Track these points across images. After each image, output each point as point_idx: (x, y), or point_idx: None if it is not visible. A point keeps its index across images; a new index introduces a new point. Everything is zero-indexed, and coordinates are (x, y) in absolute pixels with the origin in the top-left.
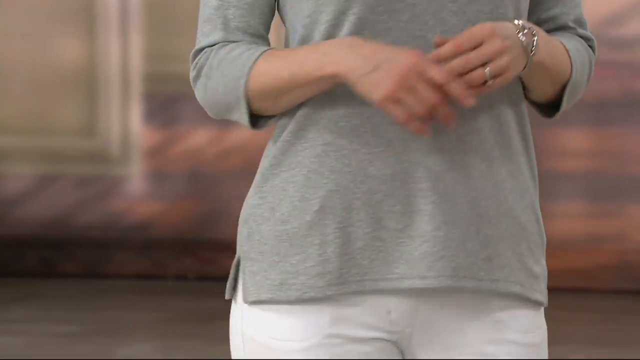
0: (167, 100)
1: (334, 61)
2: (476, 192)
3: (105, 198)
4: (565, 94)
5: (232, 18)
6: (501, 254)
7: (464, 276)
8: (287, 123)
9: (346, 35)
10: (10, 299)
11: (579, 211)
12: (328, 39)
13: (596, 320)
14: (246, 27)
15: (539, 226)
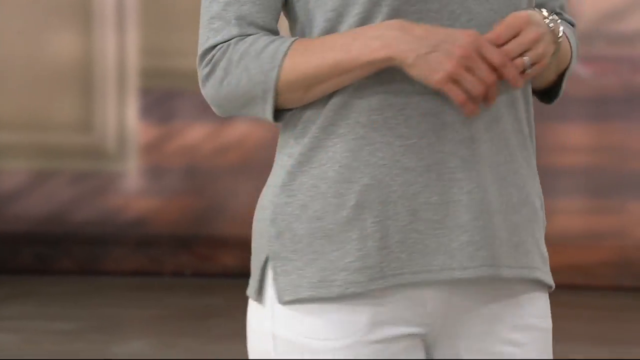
0: (164, 96)
1: (386, 44)
2: (502, 180)
3: (102, 194)
4: (565, 79)
5: (248, 14)
6: (524, 240)
7: (501, 265)
8: (315, 119)
9: None
10: (5, 296)
11: (579, 207)
12: None
13: (596, 317)
14: (262, 23)
15: (543, 211)
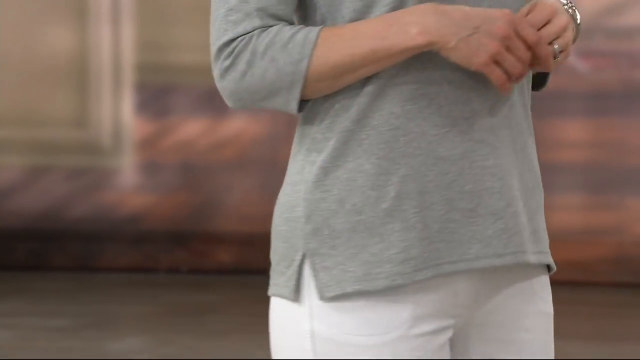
0: (160, 91)
1: (425, 30)
2: (521, 166)
3: (97, 190)
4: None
5: (269, 5)
6: (539, 224)
7: (527, 251)
8: (345, 112)
9: None
10: None
11: (577, 203)
12: None
13: (595, 313)
14: (282, 14)
15: None
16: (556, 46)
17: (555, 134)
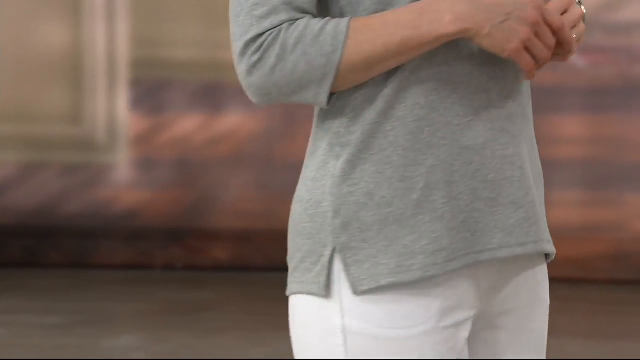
0: (155, 87)
1: (458, 17)
2: (530, 153)
3: (91, 186)
4: None
5: None
6: (544, 212)
7: (543, 239)
8: (370, 105)
9: None
10: None
11: (576, 200)
12: None
13: (593, 311)
14: (307, 7)
15: None
16: (574, 35)
17: (554, 129)
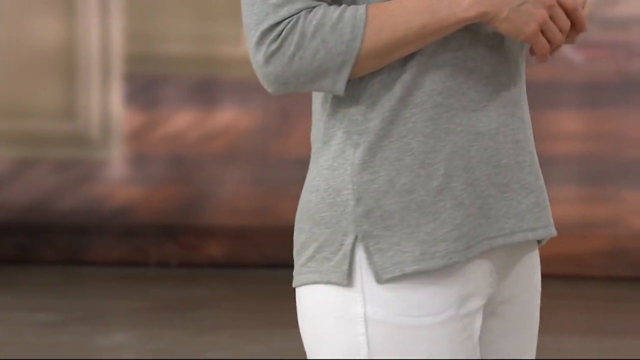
0: (149, 82)
1: (477, 1)
2: (532, 138)
3: (85, 183)
4: None
5: None
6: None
7: (551, 224)
8: (387, 91)
9: None
10: None
11: (573, 196)
12: None
13: (590, 307)
14: None
15: None
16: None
17: (551, 125)
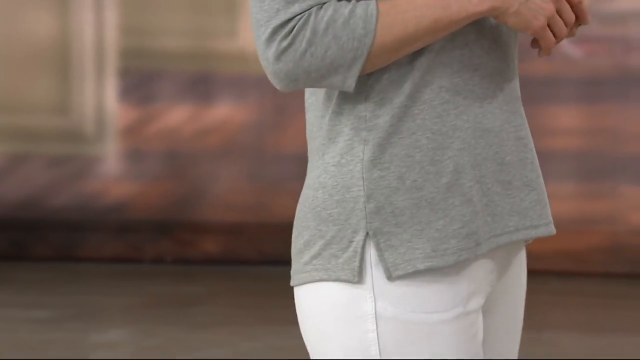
0: (144, 77)
1: None
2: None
3: (79, 178)
4: None
5: None
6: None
7: (551, 222)
8: (396, 88)
9: None
10: None
11: (570, 191)
12: None
13: (588, 304)
14: None
15: None
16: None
17: (548, 121)
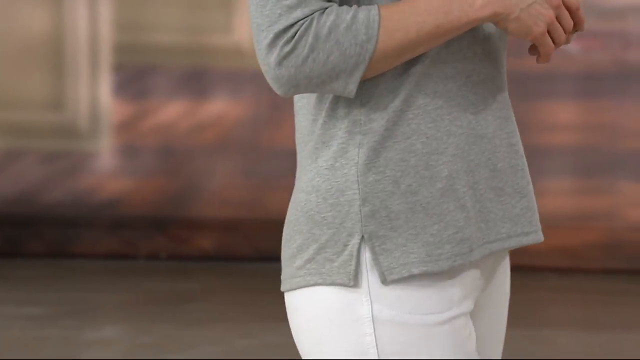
0: (138, 72)
1: (489, 2)
2: None
3: (74, 174)
4: None
5: None
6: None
7: (540, 229)
8: (392, 92)
9: None
10: None
11: (568, 188)
12: None
13: (585, 301)
14: None
15: None
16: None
17: (546, 116)
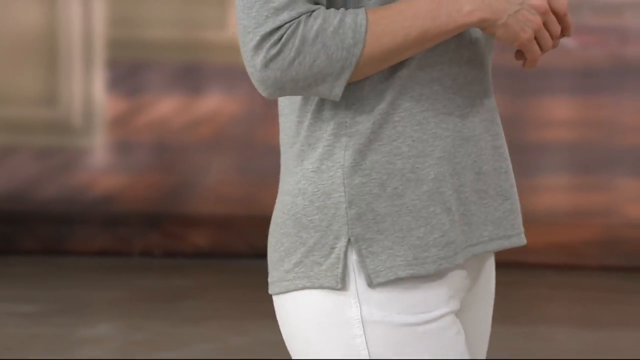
0: (132, 68)
1: (477, 7)
2: None
3: (67, 170)
4: None
5: None
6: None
7: (522, 232)
8: (379, 95)
9: None
10: None
11: (565, 184)
12: None
13: (583, 298)
14: None
15: None
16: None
17: (543, 112)
